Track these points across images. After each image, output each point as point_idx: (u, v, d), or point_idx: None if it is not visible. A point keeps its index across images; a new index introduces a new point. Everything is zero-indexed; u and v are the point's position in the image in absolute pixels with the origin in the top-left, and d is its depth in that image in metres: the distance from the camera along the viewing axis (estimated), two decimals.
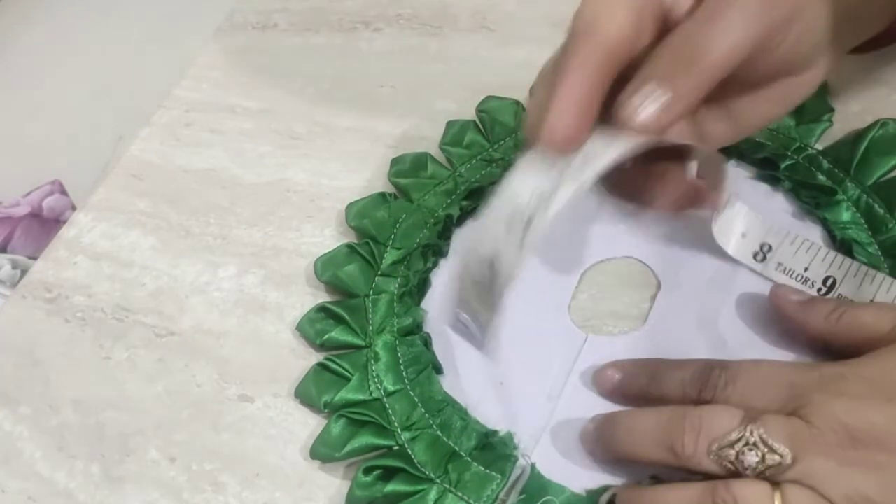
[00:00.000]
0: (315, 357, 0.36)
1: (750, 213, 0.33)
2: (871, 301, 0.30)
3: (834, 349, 0.28)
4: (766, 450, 0.24)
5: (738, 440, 0.24)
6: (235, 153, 0.47)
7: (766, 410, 0.25)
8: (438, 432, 0.32)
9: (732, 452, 0.24)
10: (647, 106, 0.24)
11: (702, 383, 0.28)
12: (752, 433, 0.24)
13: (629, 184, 0.30)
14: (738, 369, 0.27)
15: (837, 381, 0.25)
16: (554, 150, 0.24)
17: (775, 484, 0.24)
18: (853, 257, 0.31)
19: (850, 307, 0.28)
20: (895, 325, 0.26)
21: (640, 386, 0.30)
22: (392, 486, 0.31)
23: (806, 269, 0.31)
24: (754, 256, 0.32)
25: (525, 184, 0.24)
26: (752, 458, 0.24)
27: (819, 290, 0.31)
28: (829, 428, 0.24)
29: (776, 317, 0.31)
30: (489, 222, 0.24)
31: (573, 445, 0.30)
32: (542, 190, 0.23)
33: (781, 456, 0.24)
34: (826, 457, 0.24)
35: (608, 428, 0.29)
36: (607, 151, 0.24)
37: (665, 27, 0.26)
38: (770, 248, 0.32)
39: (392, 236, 0.38)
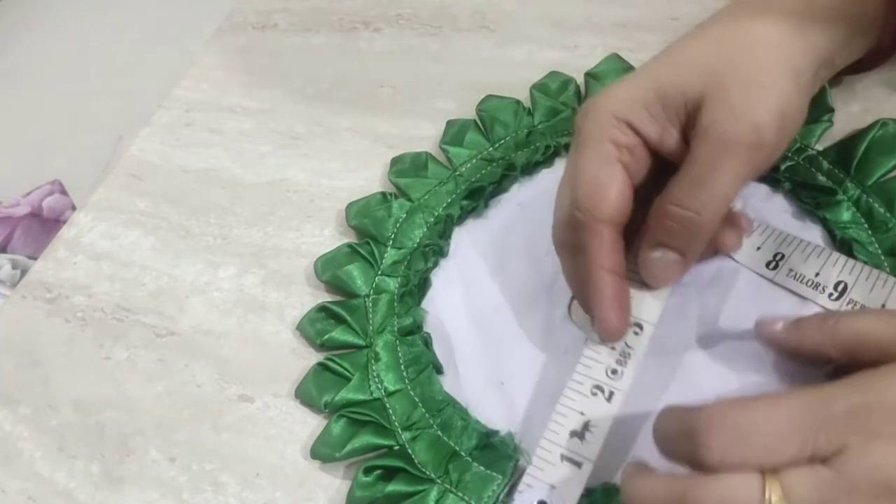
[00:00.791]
0: (315, 357, 0.36)
1: (765, 228, 0.33)
2: (883, 306, 0.29)
3: (840, 363, 0.26)
4: None
5: None
6: (235, 153, 0.47)
7: (787, 465, 0.22)
8: (439, 432, 0.32)
9: None
10: (664, 269, 0.29)
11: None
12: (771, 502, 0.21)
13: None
14: (738, 430, 0.23)
15: (865, 416, 0.22)
16: (612, 341, 0.30)
17: None
18: (853, 257, 0.31)
19: (843, 315, 0.27)
20: None
21: None
22: (393, 486, 0.31)
23: (817, 275, 0.31)
24: (767, 265, 0.32)
25: (596, 365, 0.30)
26: None
27: (830, 294, 0.31)
28: (864, 479, 0.21)
29: (773, 346, 0.29)
30: (574, 393, 0.29)
31: None
32: (609, 365, 0.30)
33: None
34: None
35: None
36: (650, 313, 0.30)
37: (658, 157, 0.30)
38: (783, 256, 0.32)
39: (392, 236, 0.38)
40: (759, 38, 0.28)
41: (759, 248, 0.33)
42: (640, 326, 0.30)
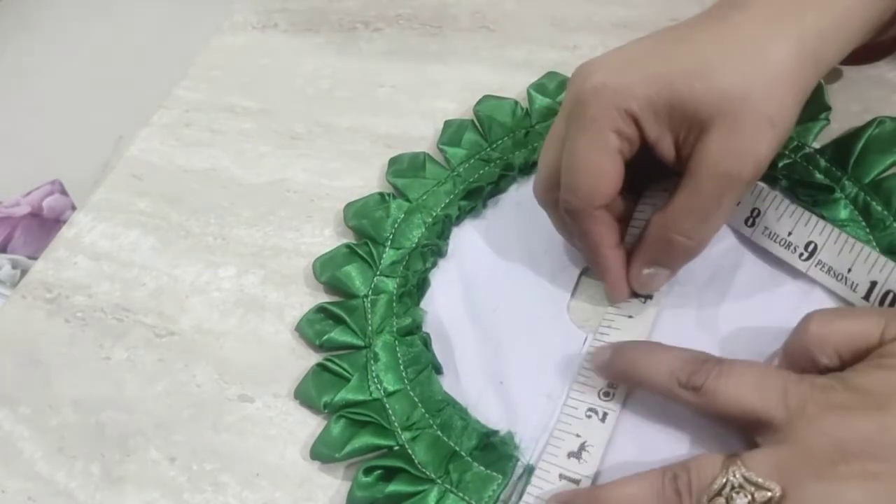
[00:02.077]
0: (315, 357, 0.37)
1: None
2: (849, 270, 0.30)
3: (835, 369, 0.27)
4: (753, 488, 0.23)
5: (724, 485, 0.24)
6: (235, 153, 0.47)
7: (757, 410, 0.25)
8: (439, 432, 0.32)
9: (723, 500, 0.24)
10: (654, 282, 0.32)
11: (693, 368, 0.27)
12: (734, 475, 0.24)
13: None
14: (731, 365, 0.27)
15: (827, 391, 0.25)
16: (623, 301, 0.33)
17: None
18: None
19: (812, 319, 0.27)
20: (882, 331, 0.26)
21: (627, 364, 0.29)
22: (393, 487, 0.31)
23: (790, 234, 0.32)
24: (745, 222, 0.33)
25: (589, 390, 0.31)
26: (741, 499, 0.23)
27: (801, 255, 0.31)
28: (818, 446, 0.23)
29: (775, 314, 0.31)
30: (569, 417, 0.31)
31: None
32: (601, 388, 0.31)
33: (770, 490, 0.23)
34: (818, 479, 0.23)
35: None
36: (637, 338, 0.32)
37: (648, 152, 0.30)
38: (759, 212, 0.33)
39: (391, 236, 0.38)
40: (783, 63, 0.27)
41: (738, 203, 0.33)
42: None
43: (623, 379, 0.30)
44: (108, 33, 1.61)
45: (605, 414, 0.30)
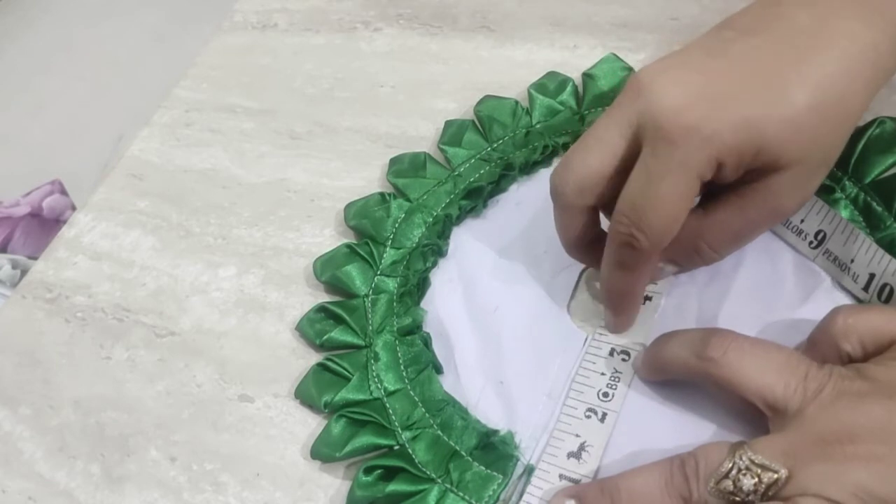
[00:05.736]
0: (315, 357, 0.37)
1: None
2: (852, 261, 0.31)
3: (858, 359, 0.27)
4: (759, 470, 0.24)
5: (731, 468, 0.24)
6: (235, 153, 0.47)
7: (776, 391, 0.26)
8: (439, 432, 0.32)
9: (729, 483, 0.24)
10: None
11: (712, 339, 0.28)
12: (741, 458, 0.24)
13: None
14: (755, 343, 0.27)
15: (845, 379, 0.25)
16: (622, 332, 0.33)
17: (785, 500, 0.23)
18: None
19: (846, 311, 0.27)
20: None
21: (653, 353, 0.31)
22: (393, 486, 0.31)
23: (802, 221, 0.32)
24: None
25: (588, 390, 0.32)
26: (748, 481, 0.24)
27: (810, 242, 0.32)
28: (827, 430, 0.24)
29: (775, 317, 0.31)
30: (568, 417, 0.31)
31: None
32: (601, 388, 0.31)
33: (776, 472, 0.24)
34: (824, 460, 0.23)
35: (606, 498, 0.27)
36: (636, 340, 0.33)
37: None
38: None
39: (391, 236, 0.38)
40: (855, 112, 0.27)
41: None
42: (628, 353, 0.32)
43: (655, 369, 0.31)
44: (109, 33, 1.61)
45: (604, 414, 0.30)
